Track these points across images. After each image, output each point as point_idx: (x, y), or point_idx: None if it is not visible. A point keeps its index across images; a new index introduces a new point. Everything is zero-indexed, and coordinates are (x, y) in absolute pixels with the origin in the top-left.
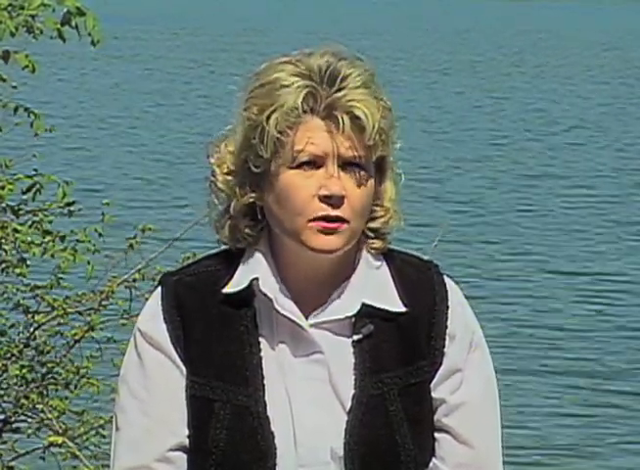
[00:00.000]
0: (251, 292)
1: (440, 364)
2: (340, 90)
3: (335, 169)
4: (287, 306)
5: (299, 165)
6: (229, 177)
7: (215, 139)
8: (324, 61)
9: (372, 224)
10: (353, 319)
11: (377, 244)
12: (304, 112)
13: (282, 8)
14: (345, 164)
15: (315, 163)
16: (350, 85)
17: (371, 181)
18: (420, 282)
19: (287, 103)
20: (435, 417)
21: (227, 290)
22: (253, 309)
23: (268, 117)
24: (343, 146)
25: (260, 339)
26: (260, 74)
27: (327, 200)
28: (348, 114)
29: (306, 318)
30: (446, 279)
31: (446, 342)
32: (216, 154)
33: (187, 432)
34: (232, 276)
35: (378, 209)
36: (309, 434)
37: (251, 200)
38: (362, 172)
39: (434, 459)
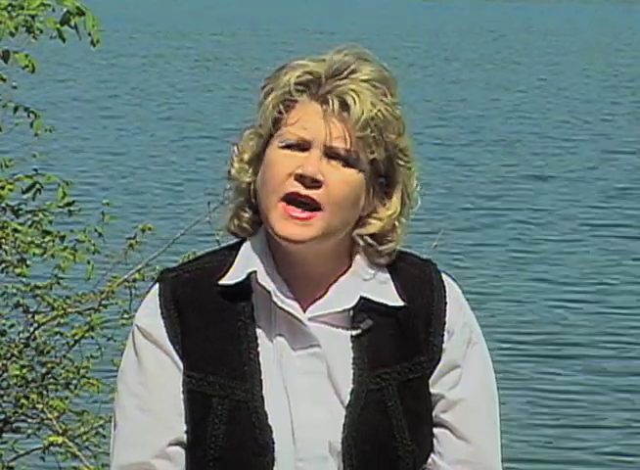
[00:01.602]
0: (248, 286)
1: (439, 360)
2: (343, 79)
3: (317, 153)
4: (285, 299)
5: (288, 146)
6: (244, 165)
7: (243, 129)
8: (341, 55)
9: (360, 231)
10: (351, 313)
11: (372, 256)
12: (300, 92)
13: (288, 9)
14: (333, 153)
15: (303, 146)
16: (355, 77)
17: (358, 178)
18: (418, 278)
19: (284, 82)
20: (434, 413)
21: (223, 282)
22: (251, 304)
23: (267, 95)
24: (333, 133)
25: (258, 333)
26: (286, 63)
27: (301, 179)
28: (339, 98)
29: (304, 312)
30: (444, 276)
31: (445, 338)
32: (239, 142)
33: (185, 427)
34: (229, 269)
35: (371, 221)
36: (307, 428)
37: (250, 180)
38: (348, 165)
39: (432, 455)
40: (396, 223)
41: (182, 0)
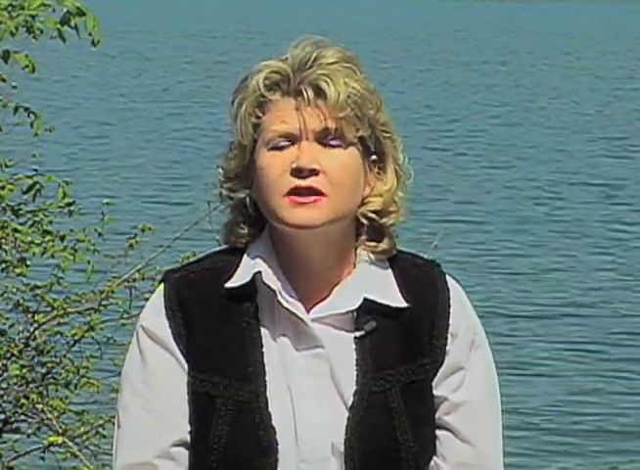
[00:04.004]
0: (253, 287)
1: (442, 362)
2: (311, 68)
3: (307, 142)
4: (289, 299)
5: (275, 146)
6: (234, 182)
7: (225, 146)
8: (299, 48)
9: (364, 209)
10: (355, 314)
11: (374, 246)
12: (271, 90)
13: (283, 10)
14: (321, 139)
15: (290, 141)
16: (322, 63)
17: (353, 157)
18: (422, 280)
19: (252, 86)
20: (437, 415)
21: (230, 284)
22: (255, 305)
23: (240, 105)
24: (315, 120)
25: (262, 333)
26: (248, 73)
27: (298, 173)
28: (312, 86)
29: (308, 313)
30: (449, 278)
31: (448, 340)
32: (223, 159)
33: (189, 428)
34: (235, 272)
35: (373, 198)
36: (310, 429)
37: (244, 195)
38: (339, 147)
39: (434, 457)
40: (396, 198)
41: (182, 0)
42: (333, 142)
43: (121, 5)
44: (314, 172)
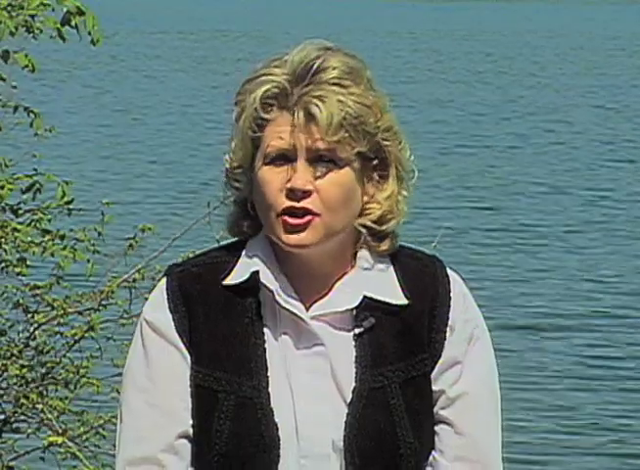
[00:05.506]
0: (255, 284)
1: (440, 356)
2: (308, 85)
3: (301, 163)
4: (287, 299)
5: (272, 161)
6: (236, 172)
7: (229, 139)
8: (302, 55)
9: (362, 220)
10: (354, 312)
11: (375, 246)
12: (269, 106)
13: (284, 9)
14: (316, 158)
15: (286, 157)
16: (319, 80)
17: (347, 176)
18: (423, 274)
19: (251, 100)
20: (435, 409)
21: (227, 282)
22: (258, 301)
23: (239, 116)
24: (310, 140)
25: (264, 330)
26: (250, 74)
27: (291, 193)
28: (304, 109)
29: (308, 310)
30: (450, 271)
31: (447, 334)
32: (229, 154)
33: (192, 421)
34: (234, 268)
35: (371, 206)
36: (310, 426)
37: (245, 195)
38: (333, 167)
39: (433, 452)
40: (396, 203)
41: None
42: (326, 162)
43: (121, 5)
44: (307, 193)
